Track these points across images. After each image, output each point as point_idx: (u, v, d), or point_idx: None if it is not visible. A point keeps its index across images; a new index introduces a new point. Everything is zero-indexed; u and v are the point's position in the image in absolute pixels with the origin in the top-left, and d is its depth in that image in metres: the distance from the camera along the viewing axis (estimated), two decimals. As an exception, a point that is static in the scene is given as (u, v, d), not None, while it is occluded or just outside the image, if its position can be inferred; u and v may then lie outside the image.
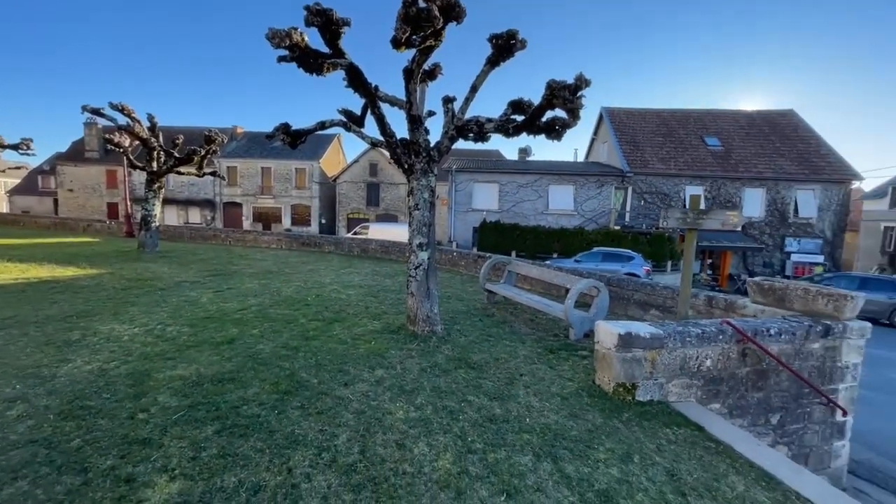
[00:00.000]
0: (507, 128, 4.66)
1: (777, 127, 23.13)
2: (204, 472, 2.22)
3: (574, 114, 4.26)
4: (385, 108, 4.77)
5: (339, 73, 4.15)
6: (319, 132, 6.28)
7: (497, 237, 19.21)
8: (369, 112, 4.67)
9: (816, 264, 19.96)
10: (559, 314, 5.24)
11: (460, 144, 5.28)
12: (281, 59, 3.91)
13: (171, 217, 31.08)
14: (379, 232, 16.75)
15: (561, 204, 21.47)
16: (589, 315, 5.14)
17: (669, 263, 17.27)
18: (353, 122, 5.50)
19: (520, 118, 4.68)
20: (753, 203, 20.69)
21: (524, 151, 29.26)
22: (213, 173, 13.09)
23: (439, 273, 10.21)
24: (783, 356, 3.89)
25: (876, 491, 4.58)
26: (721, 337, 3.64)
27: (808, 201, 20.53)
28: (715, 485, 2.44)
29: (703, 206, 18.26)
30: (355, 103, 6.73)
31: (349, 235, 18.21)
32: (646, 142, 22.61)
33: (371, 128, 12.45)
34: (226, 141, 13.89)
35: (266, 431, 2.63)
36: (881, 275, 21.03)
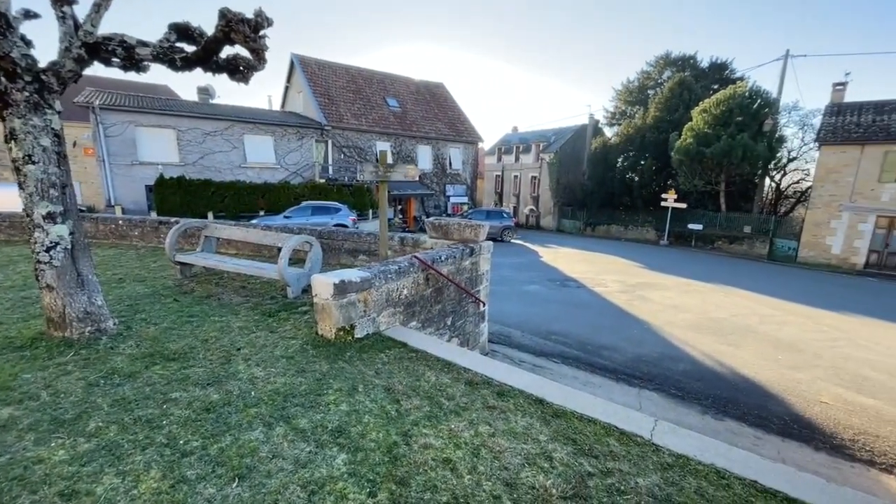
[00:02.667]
0: (172, 57, 3.69)
1: (435, 96, 29.06)
2: None
3: (259, 55, 3.83)
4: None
5: None
6: None
7: (184, 196, 15.80)
8: None
9: (464, 204, 27.57)
10: (274, 275, 5.01)
11: (104, 72, 3.80)
12: None
13: None
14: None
15: (261, 156, 19.73)
16: (304, 271, 5.16)
17: (371, 212, 19.45)
18: None
19: (190, 48, 3.79)
20: (425, 158, 25.82)
21: (205, 91, 24.30)
22: None
23: (99, 251, 7.56)
24: (450, 275, 5.26)
25: (502, 348, 7.14)
26: (412, 269, 4.50)
27: (456, 157, 27.49)
28: (417, 383, 3.11)
29: (390, 160, 21.26)
30: None
31: None
32: (339, 97, 23.48)
33: None
34: None
35: None
36: (495, 207, 32.52)
